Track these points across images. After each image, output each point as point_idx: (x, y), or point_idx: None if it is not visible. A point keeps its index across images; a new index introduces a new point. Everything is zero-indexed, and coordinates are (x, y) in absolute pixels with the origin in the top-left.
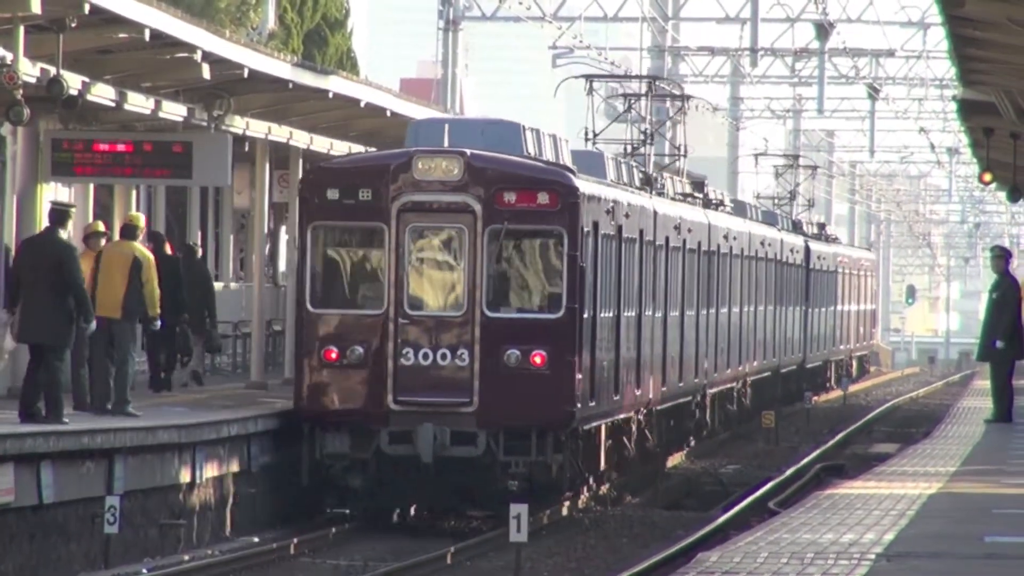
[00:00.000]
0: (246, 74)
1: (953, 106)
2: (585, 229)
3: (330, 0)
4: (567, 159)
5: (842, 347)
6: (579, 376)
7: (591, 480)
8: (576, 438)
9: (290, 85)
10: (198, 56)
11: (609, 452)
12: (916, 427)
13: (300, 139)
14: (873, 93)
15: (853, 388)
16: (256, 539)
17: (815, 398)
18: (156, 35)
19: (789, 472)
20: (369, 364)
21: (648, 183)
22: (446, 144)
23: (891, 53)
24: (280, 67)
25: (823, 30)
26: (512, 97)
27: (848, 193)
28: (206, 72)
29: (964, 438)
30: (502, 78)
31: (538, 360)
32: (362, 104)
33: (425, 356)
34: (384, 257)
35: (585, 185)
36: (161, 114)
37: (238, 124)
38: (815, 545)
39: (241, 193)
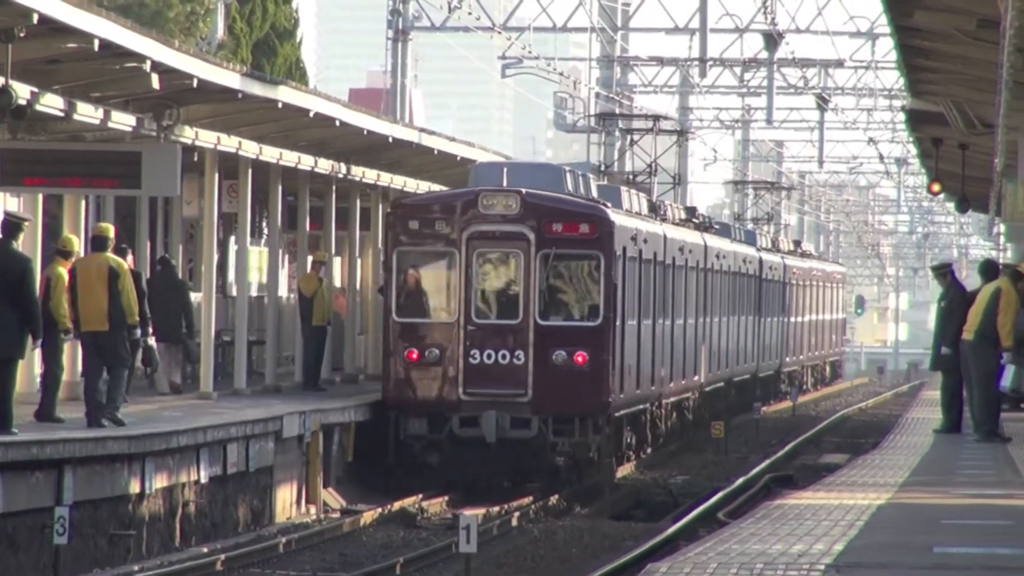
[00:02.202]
0: (195, 84)
1: (902, 116)
2: (617, 253)
3: (279, 10)
4: (595, 193)
5: (816, 352)
6: (613, 373)
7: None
8: (609, 423)
9: (239, 95)
10: (147, 66)
11: (628, 436)
12: (865, 438)
13: (249, 149)
14: (822, 103)
15: (802, 399)
16: (204, 549)
17: (763, 408)
18: (105, 45)
19: (738, 483)
20: (443, 363)
21: (653, 210)
22: (504, 184)
23: (840, 63)
24: (229, 77)
25: (772, 40)
26: (461, 107)
27: (797, 204)
28: (155, 82)
29: (913, 449)
30: (451, 88)
31: (580, 359)
32: (311, 114)
33: (489, 356)
34: (455, 276)
35: (617, 217)
36: (110, 124)
37: (187, 134)
38: (764, 556)
39: (190, 203)
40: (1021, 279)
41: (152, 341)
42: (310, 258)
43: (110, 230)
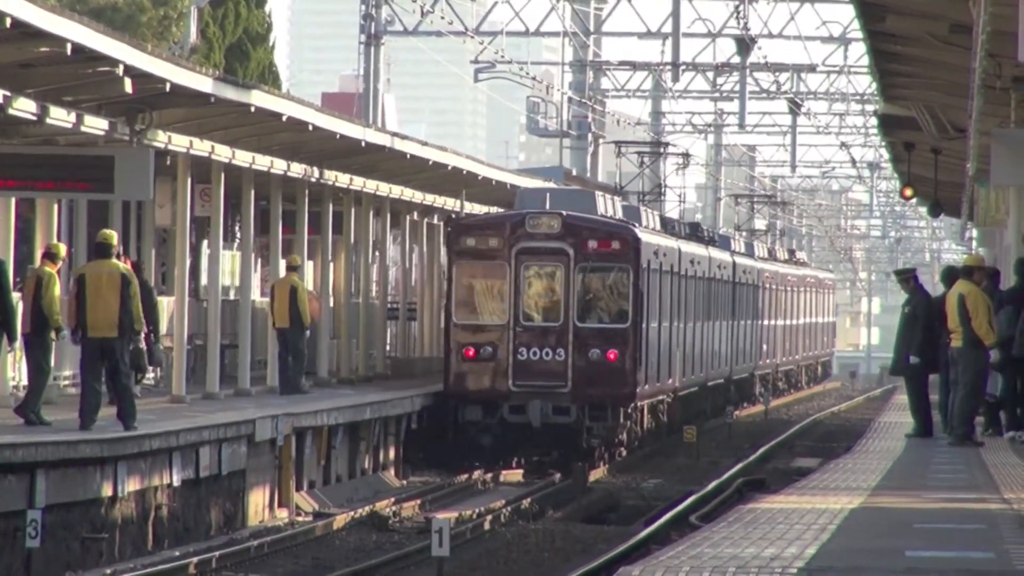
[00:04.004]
0: (168, 88)
1: (874, 121)
2: (643, 266)
3: (252, 15)
4: (619, 213)
5: (810, 353)
6: (639, 368)
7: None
8: (636, 411)
9: (212, 99)
10: (120, 70)
11: (649, 423)
12: (837, 442)
13: (222, 153)
14: (794, 108)
15: (775, 403)
16: (177, 552)
17: (736, 413)
18: (78, 49)
19: (711, 486)
20: (496, 359)
21: (664, 226)
22: (547, 207)
23: (812, 68)
24: (202, 81)
25: (744, 45)
26: (434, 111)
27: (769, 208)
28: (128, 86)
29: (885, 453)
30: (424, 92)
31: (612, 356)
32: (284, 118)
33: (534, 353)
34: (506, 285)
35: (643, 235)
36: (83, 128)
37: (160, 138)
38: (737, 559)
39: (163, 207)
40: (973, 274)
41: (143, 344)
42: (283, 262)
43: (113, 237)
